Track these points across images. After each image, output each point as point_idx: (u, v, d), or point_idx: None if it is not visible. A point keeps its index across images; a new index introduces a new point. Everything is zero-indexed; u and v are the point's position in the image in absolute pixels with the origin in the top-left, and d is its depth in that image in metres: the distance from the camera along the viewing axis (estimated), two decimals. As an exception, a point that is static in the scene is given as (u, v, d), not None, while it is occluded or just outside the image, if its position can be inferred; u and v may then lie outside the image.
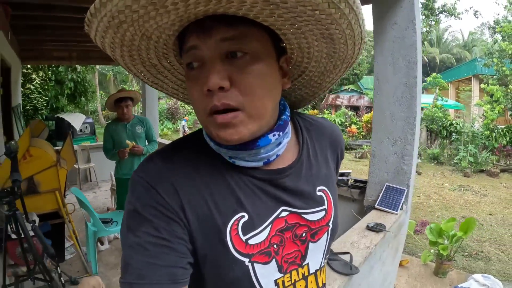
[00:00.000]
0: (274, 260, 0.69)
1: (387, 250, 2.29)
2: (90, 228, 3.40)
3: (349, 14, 0.52)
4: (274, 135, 0.65)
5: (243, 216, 0.66)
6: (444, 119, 13.00)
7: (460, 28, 56.93)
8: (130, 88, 23.46)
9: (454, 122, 12.69)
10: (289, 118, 0.71)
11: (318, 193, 0.75)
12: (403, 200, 2.45)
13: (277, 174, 0.69)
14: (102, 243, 4.00)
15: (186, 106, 23.87)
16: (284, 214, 0.70)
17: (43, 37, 4.96)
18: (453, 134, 11.96)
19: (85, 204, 3.37)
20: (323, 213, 0.75)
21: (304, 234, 0.73)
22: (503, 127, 11.59)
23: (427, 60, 26.00)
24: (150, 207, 0.61)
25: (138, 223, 0.61)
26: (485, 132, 11.34)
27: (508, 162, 10.83)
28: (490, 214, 6.52)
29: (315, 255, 0.75)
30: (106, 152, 3.74)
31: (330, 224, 0.77)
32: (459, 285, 3.30)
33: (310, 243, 0.74)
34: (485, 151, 11.00)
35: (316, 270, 0.77)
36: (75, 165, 6.00)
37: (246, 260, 0.66)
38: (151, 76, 0.72)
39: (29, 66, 8.48)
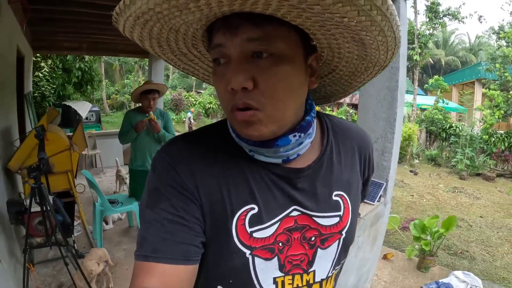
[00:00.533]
0: (276, 258, 0.68)
1: (363, 236, 2.51)
2: (98, 208, 3.69)
3: (382, 22, 0.49)
4: (294, 136, 0.65)
5: (252, 208, 0.66)
6: (444, 121, 13.11)
7: (467, 32, 56.41)
8: (136, 78, 23.67)
9: (453, 124, 12.80)
10: (313, 119, 0.70)
11: (335, 198, 0.73)
12: (381, 192, 2.67)
13: (294, 173, 0.68)
14: (107, 223, 4.29)
15: (190, 97, 24.05)
16: (295, 213, 0.69)
17: (55, 29, 5.10)
18: (452, 136, 12.07)
19: (94, 185, 3.67)
20: (336, 219, 0.72)
21: (313, 238, 0.70)
22: (502, 132, 11.66)
23: (431, 62, 25.97)
24: (169, 186, 0.63)
25: (157, 201, 0.63)
26: (484, 137, 11.44)
27: (505, 167, 10.90)
28: (481, 217, 6.65)
29: (323, 262, 0.73)
30: (122, 136, 3.66)
31: (344, 233, 0.73)
32: (440, 280, 3.42)
33: (319, 249, 0.71)
34: (483, 155, 11.09)
35: (322, 280, 0.74)
36: (83, 152, 6.29)
37: (247, 252, 0.66)
38: (182, 63, 0.73)
39: (38, 54, 8.69)
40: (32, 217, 2.56)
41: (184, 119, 18.69)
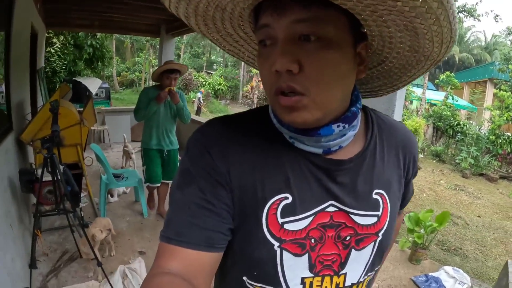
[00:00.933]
0: (307, 255, 0.64)
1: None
2: (103, 180, 3.86)
3: (437, 9, 0.46)
4: (338, 126, 0.61)
5: (286, 198, 0.62)
6: (451, 118, 13.04)
7: (483, 30, 55.19)
8: (146, 57, 23.66)
9: (461, 122, 12.72)
10: (359, 110, 0.66)
11: (374, 196, 0.68)
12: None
13: (335, 164, 0.64)
14: (112, 196, 4.46)
15: (200, 78, 24.08)
16: (331, 209, 0.65)
17: (68, 6, 5.18)
18: (459, 134, 12.03)
19: (101, 159, 3.83)
20: (374, 219, 0.67)
21: (348, 238, 0.66)
22: (510, 134, 11.57)
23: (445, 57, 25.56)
24: (200, 168, 0.62)
25: (187, 183, 0.62)
26: (490, 137, 11.38)
27: (509, 170, 10.84)
28: (479, 216, 6.69)
29: (356, 266, 0.68)
30: (139, 112, 3.60)
31: (380, 235, 0.69)
32: (430, 274, 3.45)
33: (353, 250, 0.67)
34: (488, 156, 11.06)
35: (353, 284, 0.69)
36: (92, 127, 6.45)
37: (276, 244, 0.62)
38: (227, 44, 0.71)
39: (50, 30, 8.77)
40: (43, 186, 2.71)
41: (194, 99, 18.77)
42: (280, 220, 0.62)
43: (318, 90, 0.55)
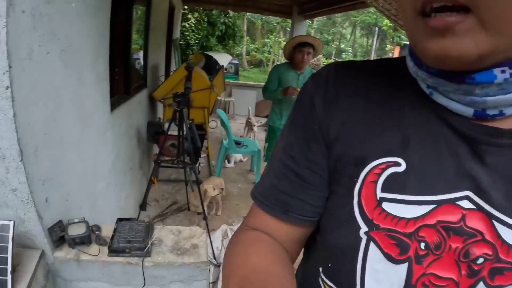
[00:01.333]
0: (407, 266, 0.42)
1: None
2: (224, 145, 4.08)
3: None
4: (503, 72, 0.37)
5: (397, 164, 0.44)
6: None
7: None
8: (276, 39, 24.13)
9: None
10: None
11: None
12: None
13: (488, 135, 0.41)
14: (229, 161, 4.70)
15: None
16: (465, 204, 0.41)
17: None
18: None
19: (225, 124, 4.05)
20: None
21: (480, 261, 0.40)
22: None
23: None
24: (297, 118, 0.54)
25: (282, 138, 0.56)
26: None
27: None
28: None
29: None
30: (267, 91, 3.43)
31: None
32: None
33: (482, 284, 0.40)
34: None
35: None
36: (218, 97, 6.94)
37: (364, 228, 0.44)
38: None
39: (185, 6, 9.54)
40: (167, 138, 3.01)
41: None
42: (379, 194, 0.44)
43: (496, 4, 0.32)
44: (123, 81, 2.91)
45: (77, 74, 1.62)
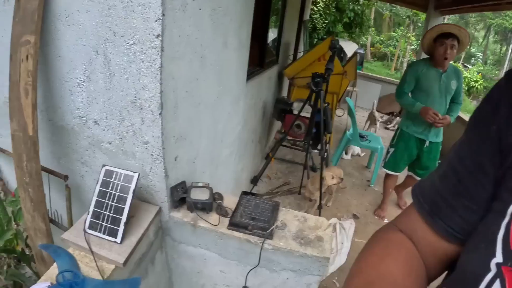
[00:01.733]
0: None
1: None
2: (347, 135, 3.92)
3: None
4: None
5: None
6: None
7: None
8: (404, 33, 22.33)
9: None
10: None
11: None
12: None
13: None
14: (346, 153, 4.52)
15: (462, 67, 21.16)
16: None
17: None
18: None
19: (352, 114, 3.86)
20: None
21: None
22: None
23: None
24: (476, 125, 0.49)
25: (460, 138, 0.51)
26: None
27: None
28: None
29: None
30: (401, 96, 2.93)
31: None
32: None
33: None
34: None
35: None
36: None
37: (498, 259, 0.37)
38: None
39: None
40: (291, 118, 2.95)
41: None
42: None
43: None
44: (258, 54, 2.95)
45: (223, 37, 1.57)
